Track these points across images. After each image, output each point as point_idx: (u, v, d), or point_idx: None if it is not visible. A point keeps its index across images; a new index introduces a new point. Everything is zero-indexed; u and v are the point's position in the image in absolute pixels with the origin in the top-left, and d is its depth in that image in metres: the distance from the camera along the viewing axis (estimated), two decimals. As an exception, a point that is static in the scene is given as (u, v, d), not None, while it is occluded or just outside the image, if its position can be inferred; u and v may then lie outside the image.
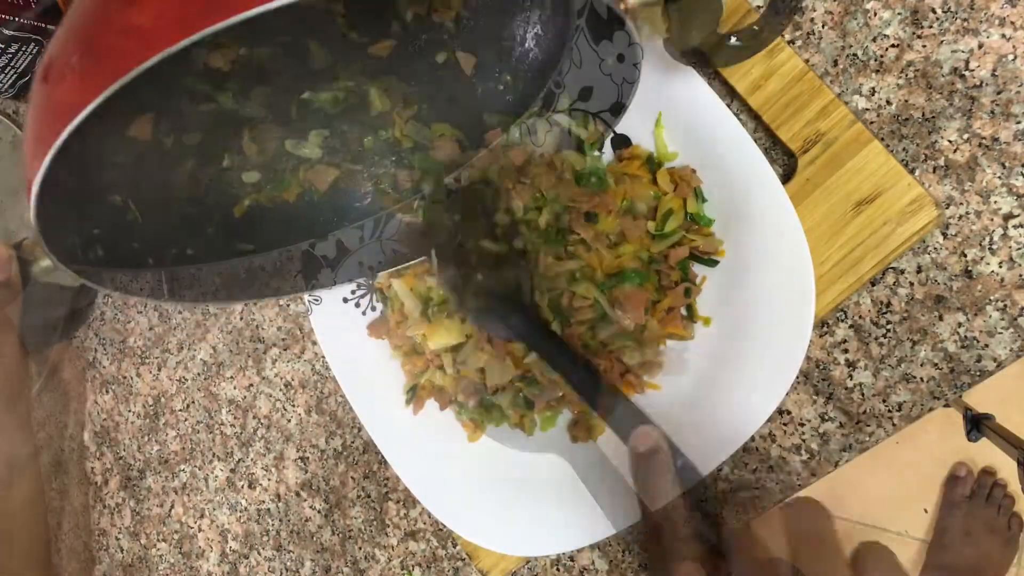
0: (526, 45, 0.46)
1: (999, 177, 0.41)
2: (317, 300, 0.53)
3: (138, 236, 0.44)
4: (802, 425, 0.46)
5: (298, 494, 0.63)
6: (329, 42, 0.44)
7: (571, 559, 0.53)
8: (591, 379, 0.43)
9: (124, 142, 0.41)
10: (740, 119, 0.44)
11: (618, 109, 0.46)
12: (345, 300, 0.53)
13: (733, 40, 0.36)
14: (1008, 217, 0.41)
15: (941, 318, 0.43)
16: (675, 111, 0.45)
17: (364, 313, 0.53)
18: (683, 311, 0.46)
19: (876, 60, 0.43)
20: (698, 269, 0.46)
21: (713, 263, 0.45)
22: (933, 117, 0.42)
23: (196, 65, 0.41)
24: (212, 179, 0.47)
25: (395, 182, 0.52)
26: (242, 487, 0.65)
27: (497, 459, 0.47)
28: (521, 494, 0.49)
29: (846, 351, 0.45)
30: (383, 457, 0.53)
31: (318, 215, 0.52)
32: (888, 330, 0.44)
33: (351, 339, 0.53)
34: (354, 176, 0.52)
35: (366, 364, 0.53)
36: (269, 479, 0.64)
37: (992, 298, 0.42)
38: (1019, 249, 0.41)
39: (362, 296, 0.53)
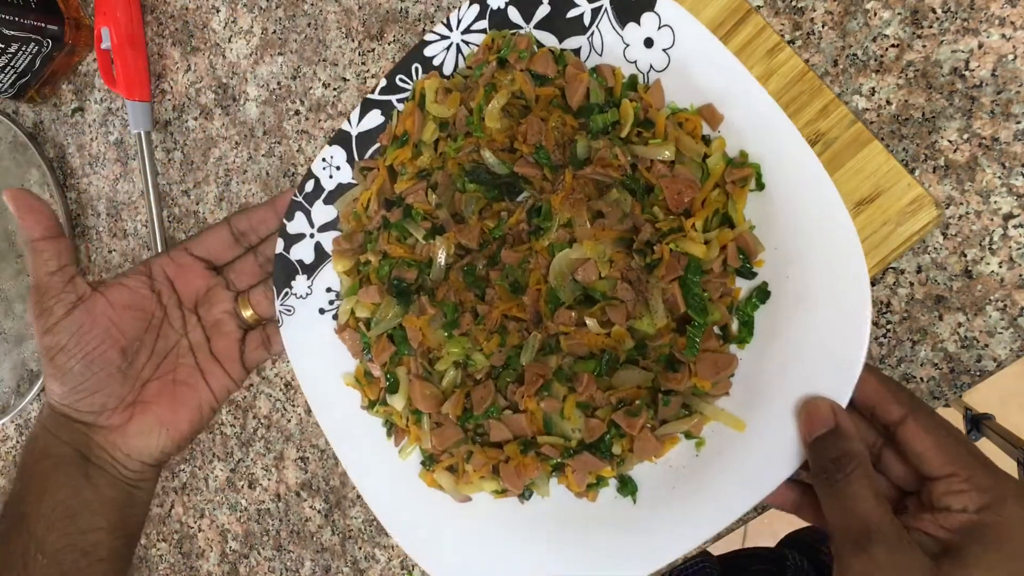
0: None
1: (999, 177, 0.41)
2: (289, 310, 0.46)
3: None
4: (802, 425, 0.46)
5: (298, 494, 0.63)
6: None
7: None
8: None
9: None
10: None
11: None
12: (322, 311, 0.46)
13: None
14: (1008, 217, 0.41)
15: (941, 318, 0.43)
16: (725, 110, 0.39)
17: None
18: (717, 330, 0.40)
19: (876, 60, 0.43)
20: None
21: (751, 274, 0.40)
22: (933, 117, 0.42)
23: None
24: None
25: None
26: (242, 487, 0.65)
27: (484, 497, 0.41)
28: (510, 534, 0.43)
29: (846, 351, 0.45)
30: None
31: None
32: (888, 330, 0.44)
33: (326, 355, 0.46)
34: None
35: (341, 382, 0.46)
36: (269, 479, 0.64)
37: (992, 298, 0.42)
38: (1019, 249, 0.41)
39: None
